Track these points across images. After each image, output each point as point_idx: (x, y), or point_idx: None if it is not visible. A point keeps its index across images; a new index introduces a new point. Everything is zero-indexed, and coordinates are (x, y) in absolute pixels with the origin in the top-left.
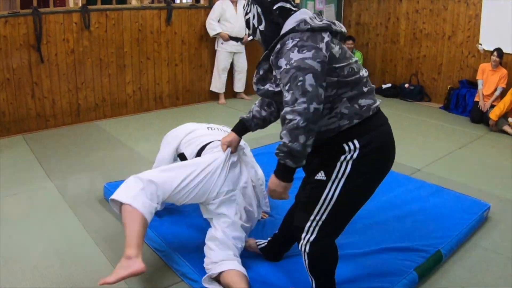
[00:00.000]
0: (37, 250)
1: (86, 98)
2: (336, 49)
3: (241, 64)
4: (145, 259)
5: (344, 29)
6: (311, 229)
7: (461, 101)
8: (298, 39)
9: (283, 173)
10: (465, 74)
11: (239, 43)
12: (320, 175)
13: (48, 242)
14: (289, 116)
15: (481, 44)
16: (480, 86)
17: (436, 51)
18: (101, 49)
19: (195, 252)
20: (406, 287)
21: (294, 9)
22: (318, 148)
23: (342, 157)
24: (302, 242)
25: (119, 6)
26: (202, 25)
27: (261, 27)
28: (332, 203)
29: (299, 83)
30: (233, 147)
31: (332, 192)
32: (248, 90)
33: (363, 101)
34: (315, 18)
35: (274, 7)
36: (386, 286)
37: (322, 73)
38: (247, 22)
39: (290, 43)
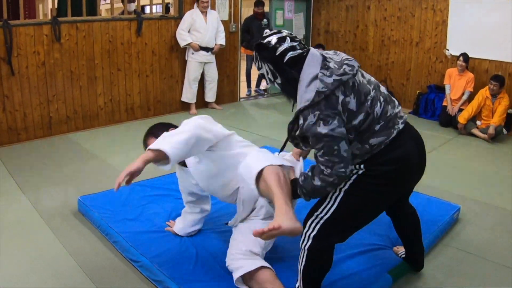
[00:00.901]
0: (12, 265)
1: (58, 111)
2: (352, 101)
3: (212, 74)
4: (121, 270)
5: (356, 64)
6: (313, 224)
7: (430, 105)
8: (318, 112)
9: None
10: (433, 79)
11: (209, 53)
12: None
13: (23, 256)
14: (327, 172)
15: (448, 50)
16: (447, 91)
17: (405, 57)
18: (72, 61)
19: (171, 261)
20: None
21: (302, 51)
22: None
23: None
24: (304, 237)
25: (90, 18)
26: (173, 36)
27: (278, 81)
28: (334, 206)
29: (335, 152)
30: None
31: (336, 195)
32: (219, 99)
33: (373, 140)
34: (326, 68)
35: (284, 60)
36: None
37: (343, 133)
38: (262, 76)
39: (312, 118)
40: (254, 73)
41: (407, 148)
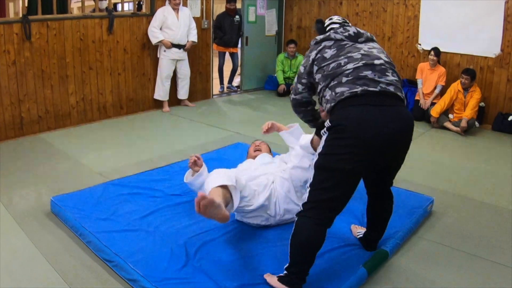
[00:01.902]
0: None
1: (29, 111)
2: (329, 52)
3: (184, 71)
4: (95, 270)
5: (351, 31)
6: (306, 194)
7: None
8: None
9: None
10: (405, 73)
11: (181, 50)
12: None
13: None
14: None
15: (420, 44)
16: (419, 85)
17: None
18: (43, 60)
19: (145, 259)
20: (356, 283)
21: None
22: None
23: (323, 135)
24: (300, 208)
25: (60, 15)
26: (144, 33)
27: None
28: (312, 173)
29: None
30: None
31: (314, 160)
32: (191, 97)
33: (338, 89)
34: (337, 30)
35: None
36: (337, 283)
37: (303, 74)
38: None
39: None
40: (227, 70)
41: (371, 111)
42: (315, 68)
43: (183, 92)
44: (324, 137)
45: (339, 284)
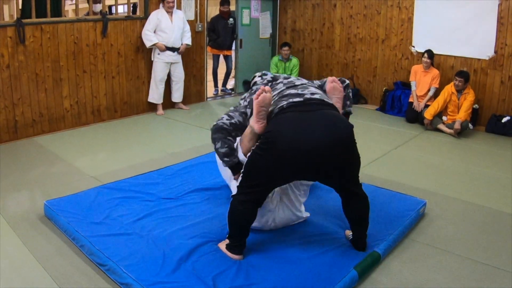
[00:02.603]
0: None
1: (23, 114)
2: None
3: (178, 74)
4: (88, 274)
5: (269, 76)
6: (240, 178)
7: (397, 102)
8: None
9: None
10: (399, 76)
11: (175, 53)
12: None
13: None
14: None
15: (414, 47)
16: (413, 88)
17: (371, 55)
18: (37, 63)
19: (138, 263)
20: (347, 285)
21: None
22: None
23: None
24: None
25: (54, 19)
26: (138, 36)
27: None
28: (246, 162)
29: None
30: None
31: (249, 154)
32: (186, 100)
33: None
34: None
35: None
36: (328, 285)
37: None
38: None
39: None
40: (221, 73)
41: (296, 117)
42: (249, 110)
43: (177, 95)
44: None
45: (330, 286)
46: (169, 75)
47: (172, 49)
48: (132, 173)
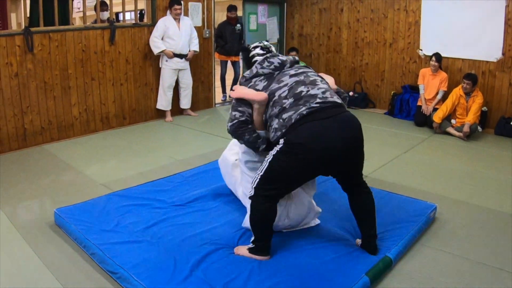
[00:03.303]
0: None
1: (32, 122)
2: (261, 84)
3: (186, 81)
4: (99, 282)
5: (276, 62)
6: (255, 179)
7: (405, 106)
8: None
9: None
10: (407, 79)
11: (183, 59)
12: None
13: (1, 271)
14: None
15: (421, 50)
16: (421, 91)
17: (379, 59)
18: (45, 71)
19: (149, 271)
20: None
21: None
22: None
23: (275, 147)
24: (250, 190)
25: (62, 27)
26: (146, 44)
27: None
28: (266, 165)
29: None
30: None
31: (268, 158)
32: (194, 106)
33: (285, 115)
34: (263, 65)
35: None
36: None
37: (239, 104)
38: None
39: None
40: (229, 79)
41: (320, 125)
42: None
43: (185, 102)
44: (274, 152)
45: None
46: (177, 82)
47: (180, 56)
48: (142, 180)
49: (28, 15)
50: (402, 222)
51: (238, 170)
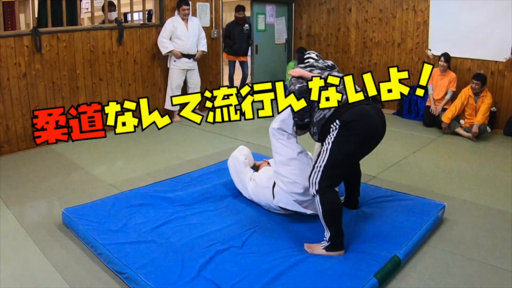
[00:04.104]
0: None
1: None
2: (315, 72)
3: (195, 81)
4: (106, 282)
5: (329, 63)
6: (315, 173)
7: (414, 106)
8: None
9: None
10: (416, 79)
11: (191, 60)
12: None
13: (9, 271)
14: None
15: (430, 50)
16: (430, 91)
17: (387, 59)
18: (54, 71)
19: (156, 271)
20: None
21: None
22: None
23: (331, 131)
24: (312, 186)
25: (70, 27)
26: (154, 44)
27: None
28: (327, 155)
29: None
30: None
31: (326, 147)
32: (202, 106)
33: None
34: (318, 61)
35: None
36: None
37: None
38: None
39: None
40: (237, 79)
41: (363, 108)
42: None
43: None
44: (331, 139)
45: None
46: (185, 82)
47: (188, 56)
48: (149, 181)
49: (36, 15)
50: (410, 221)
51: (248, 168)
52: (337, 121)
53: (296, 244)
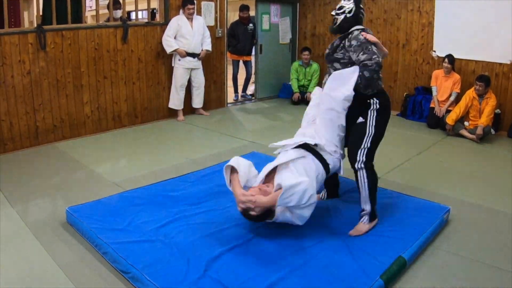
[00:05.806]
0: (1, 279)
1: (44, 120)
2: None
3: (199, 80)
4: (110, 282)
5: None
6: (362, 153)
7: (418, 107)
8: (361, 29)
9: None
10: (420, 81)
11: (196, 59)
12: (360, 119)
13: (12, 269)
14: (370, 63)
15: (435, 51)
16: (434, 93)
17: (391, 60)
18: (58, 69)
19: (161, 271)
20: None
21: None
22: (357, 104)
23: (371, 107)
24: (357, 164)
25: (75, 25)
26: (159, 42)
27: (349, 15)
28: (371, 135)
29: (371, 49)
30: None
31: (370, 128)
32: (206, 106)
33: (380, 82)
34: None
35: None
36: None
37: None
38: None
39: (356, 32)
40: (241, 78)
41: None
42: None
43: (197, 101)
44: (374, 114)
45: None
46: (189, 81)
47: (193, 55)
48: (154, 179)
49: (41, 13)
50: (415, 224)
51: (253, 168)
52: (376, 99)
53: (303, 247)
